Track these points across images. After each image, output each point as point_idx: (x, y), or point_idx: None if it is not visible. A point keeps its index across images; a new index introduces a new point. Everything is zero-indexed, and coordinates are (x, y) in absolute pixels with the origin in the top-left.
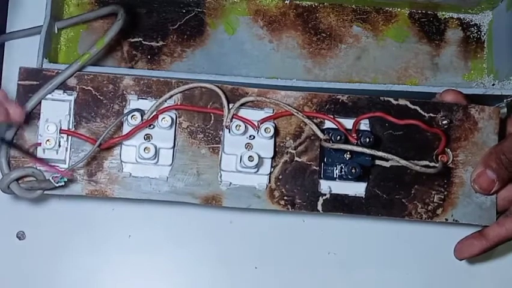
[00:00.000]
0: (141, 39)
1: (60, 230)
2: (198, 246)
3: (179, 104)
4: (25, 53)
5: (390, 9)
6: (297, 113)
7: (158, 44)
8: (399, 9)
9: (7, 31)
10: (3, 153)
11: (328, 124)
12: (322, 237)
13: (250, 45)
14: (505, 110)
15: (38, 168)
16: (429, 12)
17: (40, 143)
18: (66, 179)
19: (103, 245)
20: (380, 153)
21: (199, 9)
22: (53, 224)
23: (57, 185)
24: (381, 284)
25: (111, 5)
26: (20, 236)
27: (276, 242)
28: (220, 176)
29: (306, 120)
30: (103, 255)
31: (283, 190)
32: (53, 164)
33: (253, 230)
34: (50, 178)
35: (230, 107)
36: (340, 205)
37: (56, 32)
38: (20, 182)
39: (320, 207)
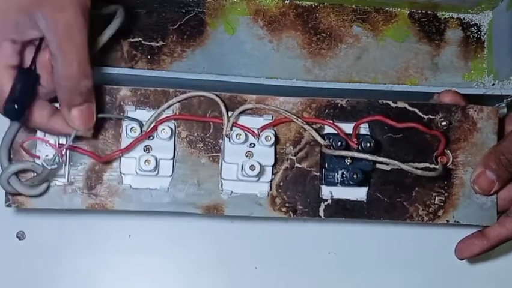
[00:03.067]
0: (141, 39)
1: (60, 230)
2: (198, 246)
3: (177, 113)
4: None
5: (390, 9)
6: (297, 120)
7: (158, 44)
8: (399, 9)
9: None
10: (4, 148)
11: (328, 129)
12: (322, 238)
13: (250, 45)
14: (505, 110)
15: (36, 161)
16: (429, 12)
17: (39, 156)
18: (58, 160)
19: (103, 244)
20: (382, 159)
21: (199, 9)
22: (53, 224)
23: (50, 167)
24: (382, 285)
25: (112, 5)
26: (20, 236)
27: (277, 242)
28: (221, 185)
29: (306, 127)
30: (103, 255)
31: (284, 197)
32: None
33: (254, 230)
34: (43, 162)
35: (229, 115)
36: (342, 210)
37: None
38: (20, 178)
39: (321, 213)
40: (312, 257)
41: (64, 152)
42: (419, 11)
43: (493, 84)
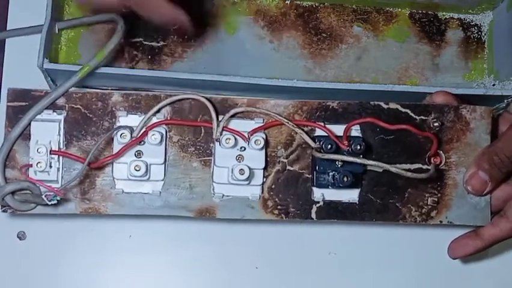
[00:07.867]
0: (142, 39)
1: (60, 231)
2: (198, 246)
3: (168, 118)
4: (26, 53)
5: (391, 9)
6: (287, 123)
7: (158, 44)
8: (399, 10)
9: (8, 29)
10: (0, 166)
11: (319, 131)
12: (322, 238)
13: (250, 45)
14: None
15: (33, 182)
16: (429, 12)
17: (31, 165)
18: (59, 198)
19: (104, 245)
20: (371, 162)
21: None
22: (54, 224)
23: (49, 203)
24: (382, 285)
25: (110, 14)
26: (21, 236)
27: (277, 242)
28: (213, 189)
29: (297, 130)
30: (103, 255)
31: (276, 199)
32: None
33: (254, 231)
34: (43, 196)
35: (220, 119)
36: (334, 212)
37: (57, 32)
38: (14, 194)
39: (313, 215)
40: (312, 257)
41: (63, 192)
42: (420, 11)
43: (494, 85)
